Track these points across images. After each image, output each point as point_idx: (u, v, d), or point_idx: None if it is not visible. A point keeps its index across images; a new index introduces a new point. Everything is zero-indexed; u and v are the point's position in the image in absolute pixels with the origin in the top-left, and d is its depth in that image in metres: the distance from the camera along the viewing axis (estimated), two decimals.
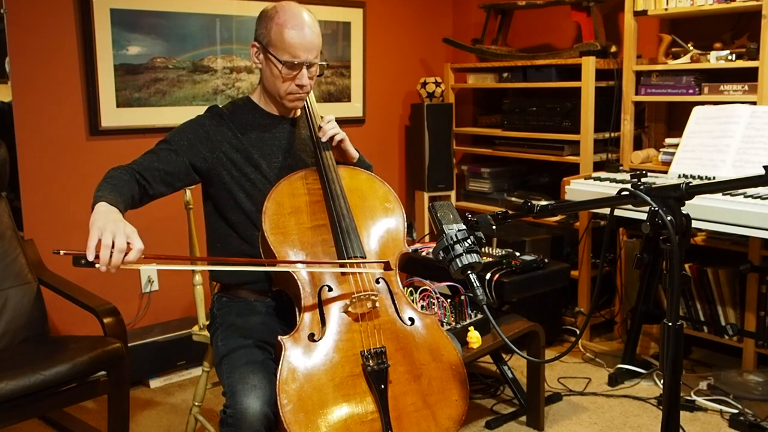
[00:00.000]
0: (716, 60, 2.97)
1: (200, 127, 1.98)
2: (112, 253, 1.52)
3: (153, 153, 1.93)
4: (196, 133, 1.97)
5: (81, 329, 2.88)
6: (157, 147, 1.95)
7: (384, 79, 4.07)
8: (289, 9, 1.92)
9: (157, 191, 1.90)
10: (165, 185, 1.91)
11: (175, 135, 1.97)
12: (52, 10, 2.94)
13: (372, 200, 1.99)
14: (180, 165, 1.92)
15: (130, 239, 1.55)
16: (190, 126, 1.99)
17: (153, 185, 1.88)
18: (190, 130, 1.97)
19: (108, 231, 1.53)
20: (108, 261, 1.52)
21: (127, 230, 1.56)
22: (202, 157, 1.96)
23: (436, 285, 2.37)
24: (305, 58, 1.91)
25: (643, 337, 3.16)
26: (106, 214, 1.62)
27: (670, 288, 1.30)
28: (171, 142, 1.95)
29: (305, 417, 1.60)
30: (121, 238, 1.53)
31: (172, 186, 1.94)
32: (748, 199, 2.42)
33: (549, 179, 3.83)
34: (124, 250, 1.54)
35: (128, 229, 1.57)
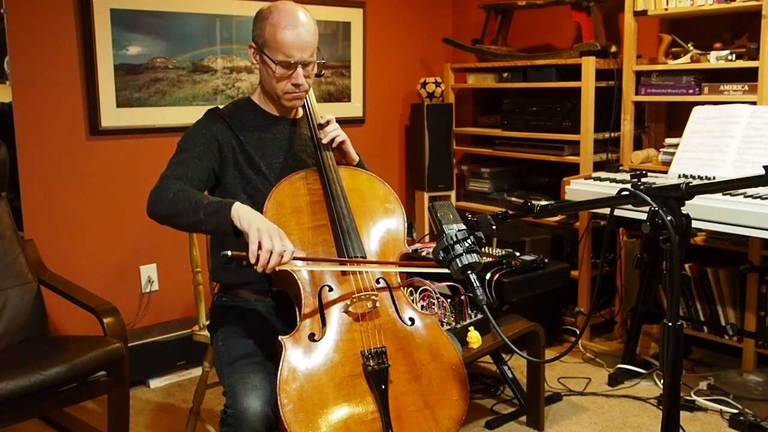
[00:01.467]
0: (716, 60, 2.97)
1: (207, 131, 1.96)
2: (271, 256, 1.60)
3: (182, 164, 1.88)
4: (206, 137, 1.95)
5: (81, 329, 2.88)
6: (179, 158, 1.90)
7: (384, 79, 4.07)
8: (283, 8, 1.91)
9: None
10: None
11: (190, 142, 1.93)
12: (52, 10, 2.94)
13: (372, 200, 1.99)
14: (206, 171, 1.92)
15: (283, 241, 1.63)
16: (198, 131, 1.97)
17: None
18: (201, 135, 1.95)
19: (265, 234, 1.61)
20: (266, 264, 1.60)
21: (280, 233, 1.65)
22: (216, 159, 1.95)
23: (436, 285, 2.37)
24: (300, 57, 1.90)
25: (643, 337, 3.16)
26: (254, 213, 1.68)
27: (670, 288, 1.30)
28: (191, 150, 1.91)
29: (306, 417, 1.60)
30: (278, 240, 1.61)
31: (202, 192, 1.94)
32: (748, 199, 2.42)
33: (549, 179, 3.83)
34: (281, 253, 1.61)
35: (280, 232, 1.65)
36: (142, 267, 3.28)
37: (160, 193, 1.78)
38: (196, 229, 1.78)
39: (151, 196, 1.80)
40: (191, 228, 1.80)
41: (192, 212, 1.71)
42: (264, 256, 1.58)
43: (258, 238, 1.59)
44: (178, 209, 1.73)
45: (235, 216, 1.66)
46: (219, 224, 1.69)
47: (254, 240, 1.59)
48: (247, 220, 1.64)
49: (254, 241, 1.59)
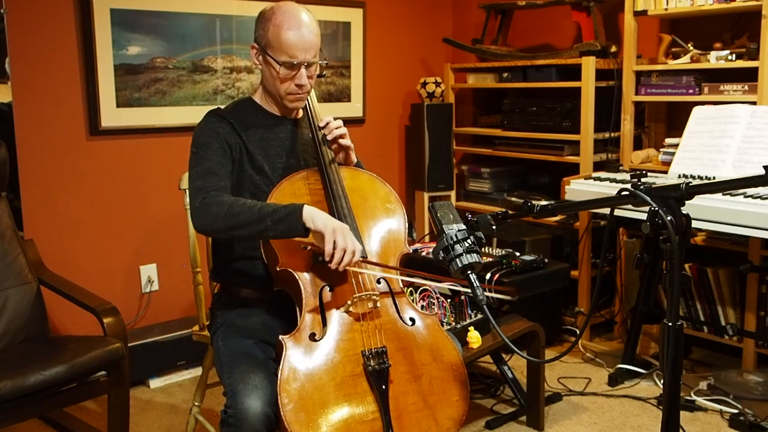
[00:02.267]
0: (716, 60, 2.97)
1: (216, 133, 1.94)
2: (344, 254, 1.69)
3: (211, 174, 1.86)
4: (218, 140, 1.92)
5: (81, 329, 2.88)
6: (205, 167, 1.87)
7: (384, 79, 4.07)
8: (286, 9, 1.91)
9: None
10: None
11: (207, 149, 1.90)
12: (52, 10, 2.94)
13: (373, 201, 1.99)
14: (230, 175, 1.92)
15: (355, 242, 1.72)
16: (209, 135, 1.93)
17: None
18: (213, 139, 1.92)
19: (340, 234, 1.70)
20: (340, 262, 1.69)
21: (351, 233, 1.73)
22: (230, 161, 1.95)
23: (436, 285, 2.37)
24: (303, 58, 1.90)
25: (643, 337, 3.16)
26: (324, 213, 1.74)
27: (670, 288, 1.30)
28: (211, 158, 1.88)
29: (306, 416, 1.60)
30: (351, 241, 1.71)
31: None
32: (748, 199, 2.42)
33: (549, 179, 3.83)
34: (354, 252, 1.70)
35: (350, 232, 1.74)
36: (142, 267, 3.28)
37: (211, 208, 1.77)
38: (261, 237, 1.81)
39: (199, 212, 1.79)
40: (254, 237, 1.82)
41: (256, 222, 1.73)
42: (338, 254, 1.68)
43: (333, 237, 1.68)
44: (239, 221, 1.74)
45: (308, 218, 1.71)
46: (289, 229, 1.72)
47: (329, 240, 1.68)
48: (322, 222, 1.71)
49: (329, 240, 1.68)
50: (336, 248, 1.68)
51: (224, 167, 1.90)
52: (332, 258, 1.68)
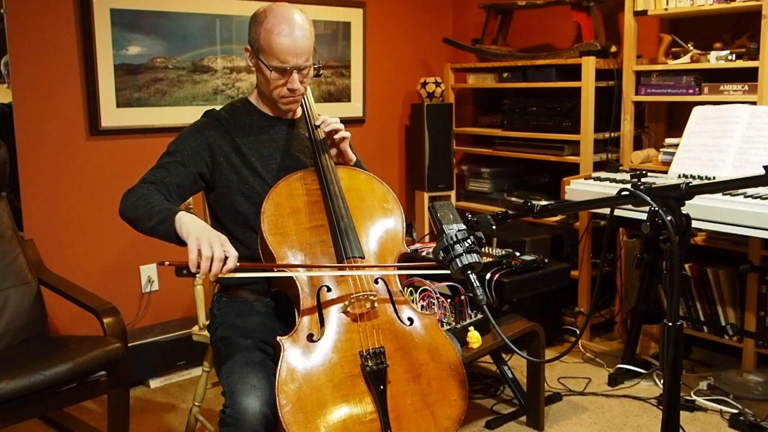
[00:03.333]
0: (716, 60, 2.97)
1: (200, 134, 1.97)
2: (212, 263, 1.57)
3: (162, 168, 1.90)
4: (197, 140, 1.96)
5: (81, 329, 2.88)
6: (163, 161, 1.92)
7: (384, 79, 4.07)
8: (279, 12, 1.89)
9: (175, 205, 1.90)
10: (179, 198, 1.91)
11: (178, 145, 1.95)
12: (52, 10, 2.94)
13: (370, 200, 1.99)
14: (188, 176, 1.92)
15: (225, 247, 1.60)
16: (190, 134, 1.98)
17: (170, 200, 1.87)
18: (191, 138, 1.96)
19: (205, 242, 1.58)
20: (208, 271, 1.57)
21: (222, 239, 1.62)
22: (206, 164, 1.95)
23: (436, 285, 2.37)
24: (295, 63, 1.90)
25: (643, 337, 3.16)
26: (195, 222, 1.66)
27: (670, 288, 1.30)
28: (175, 154, 1.92)
29: (304, 417, 1.60)
30: (218, 247, 1.58)
31: (183, 198, 1.95)
32: (748, 199, 2.42)
33: (549, 179, 3.82)
34: (223, 260, 1.58)
35: (222, 238, 1.62)
36: (142, 267, 3.28)
37: (128, 196, 1.80)
38: (153, 235, 1.76)
39: (123, 196, 1.82)
40: (149, 234, 1.76)
41: (147, 219, 1.72)
42: (204, 263, 1.56)
43: (197, 246, 1.57)
44: (137, 215, 1.75)
45: (178, 225, 1.66)
46: (167, 233, 1.69)
47: (193, 248, 1.57)
48: (186, 229, 1.63)
49: (193, 249, 1.57)
50: (201, 257, 1.56)
51: (184, 167, 1.90)
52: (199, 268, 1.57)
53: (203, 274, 1.57)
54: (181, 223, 1.66)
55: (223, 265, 1.58)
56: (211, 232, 1.62)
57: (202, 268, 1.56)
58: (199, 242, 1.58)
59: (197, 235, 1.60)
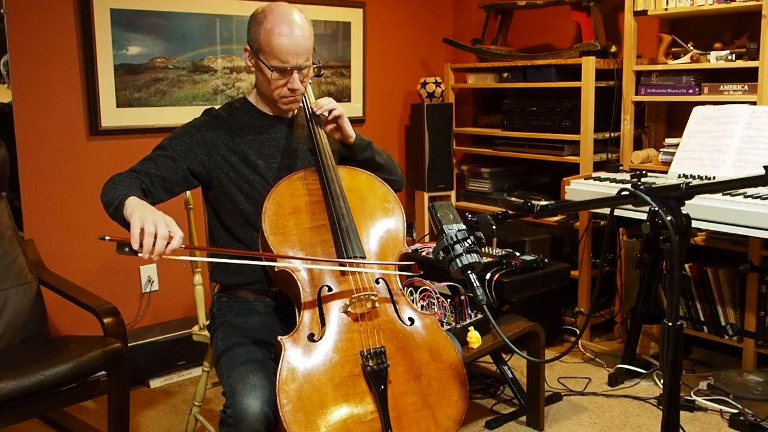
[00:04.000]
0: (716, 60, 2.97)
1: (197, 132, 1.97)
2: (155, 241, 1.53)
3: (150, 159, 1.92)
4: (192, 137, 1.96)
5: (81, 329, 2.88)
6: (153, 153, 1.94)
7: (384, 79, 4.07)
8: (278, 12, 1.89)
9: (158, 197, 1.90)
10: (164, 191, 1.91)
11: (172, 140, 1.96)
12: (52, 10, 2.94)
13: (371, 200, 1.99)
14: (177, 171, 1.92)
15: (171, 227, 1.57)
16: (186, 130, 1.99)
17: (153, 191, 1.88)
18: (187, 135, 1.97)
19: (149, 220, 1.55)
20: (151, 249, 1.53)
21: (167, 219, 1.59)
22: (200, 162, 1.96)
23: (436, 285, 2.37)
24: (295, 63, 1.90)
25: (643, 337, 3.16)
26: (142, 205, 1.64)
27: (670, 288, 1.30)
28: (167, 148, 1.94)
29: (305, 417, 1.60)
30: (162, 226, 1.55)
31: (170, 192, 1.94)
32: (748, 199, 2.42)
33: (549, 179, 3.82)
34: (167, 238, 1.55)
35: (167, 219, 1.59)
36: (142, 267, 3.28)
37: (106, 183, 1.82)
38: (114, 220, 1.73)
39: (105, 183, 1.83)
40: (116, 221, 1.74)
41: (109, 205, 1.72)
42: (147, 239, 1.52)
43: (140, 224, 1.54)
44: (104, 201, 1.76)
45: (125, 208, 1.64)
46: (121, 219, 1.67)
47: (135, 225, 1.54)
48: (131, 210, 1.61)
49: (135, 226, 1.54)
50: (144, 235, 1.52)
51: (173, 162, 1.91)
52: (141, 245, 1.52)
53: (146, 252, 1.53)
54: (128, 206, 1.64)
55: (167, 244, 1.55)
56: (156, 213, 1.60)
57: (144, 246, 1.52)
58: (143, 220, 1.55)
59: (140, 214, 1.57)
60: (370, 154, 2.11)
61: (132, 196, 1.68)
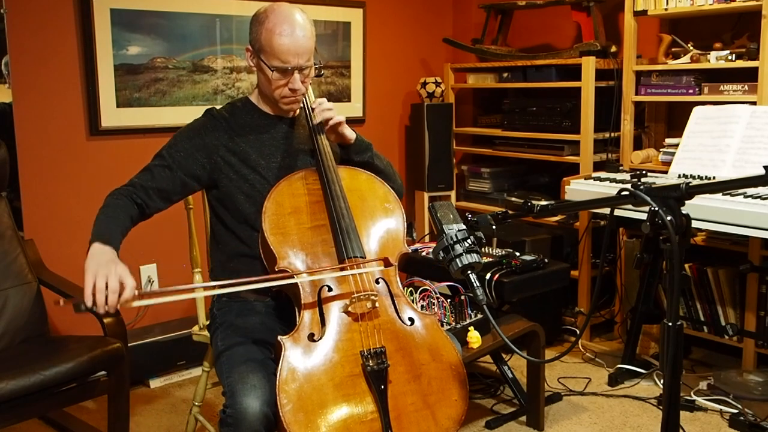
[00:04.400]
0: (716, 60, 2.97)
1: (195, 135, 1.98)
2: (107, 295, 1.56)
3: (148, 170, 1.94)
4: (192, 141, 1.96)
5: (81, 329, 2.88)
6: (152, 163, 1.95)
7: (384, 79, 4.07)
8: (280, 13, 1.90)
9: (155, 208, 1.93)
10: (162, 201, 1.94)
11: (171, 148, 1.97)
12: (52, 10, 2.94)
13: (372, 200, 1.99)
14: (174, 180, 1.94)
15: (122, 278, 1.59)
16: (185, 134, 1.99)
17: (150, 204, 1.91)
18: (186, 140, 1.97)
19: (100, 275, 1.58)
20: (104, 303, 1.56)
21: (119, 270, 1.60)
22: (201, 165, 1.96)
23: (436, 285, 2.37)
24: (296, 63, 1.90)
25: (643, 337, 3.16)
26: (97, 256, 1.65)
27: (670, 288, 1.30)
28: (165, 158, 1.95)
29: (305, 417, 1.60)
30: (113, 279, 1.57)
31: (169, 200, 1.96)
32: (748, 199, 2.42)
33: (549, 179, 3.82)
34: (117, 291, 1.57)
35: (119, 269, 1.61)
36: (142, 267, 3.28)
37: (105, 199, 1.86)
38: None
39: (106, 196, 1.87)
40: None
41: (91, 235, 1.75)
42: (99, 296, 1.55)
43: (92, 280, 1.57)
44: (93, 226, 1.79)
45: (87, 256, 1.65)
46: None
47: (87, 283, 1.57)
48: (87, 264, 1.62)
49: (87, 284, 1.57)
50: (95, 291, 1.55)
51: (171, 171, 1.93)
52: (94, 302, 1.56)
53: (101, 308, 1.56)
54: (88, 256, 1.66)
55: (119, 296, 1.57)
56: (109, 265, 1.61)
57: (97, 302, 1.55)
58: (95, 276, 1.57)
59: (93, 269, 1.59)
60: (369, 156, 2.10)
61: (95, 243, 1.69)
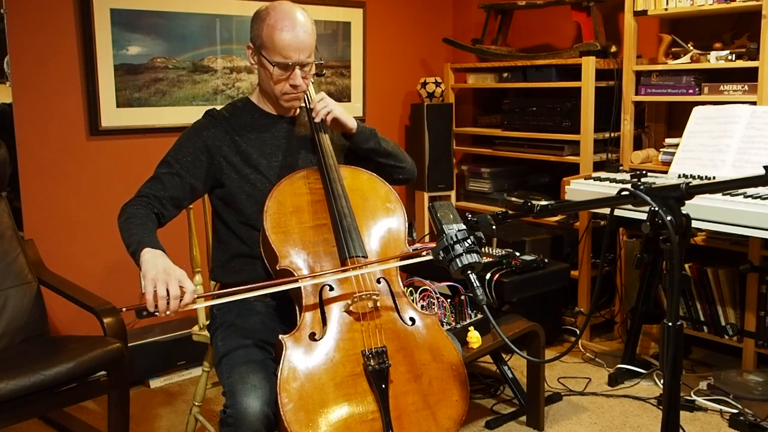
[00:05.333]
0: (716, 60, 2.97)
1: (197, 138, 1.98)
2: (169, 301, 1.59)
3: (157, 180, 1.92)
4: (195, 145, 1.96)
5: (81, 329, 2.88)
6: (159, 172, 1.94)
7: (384, 79, 4.07)
8: (281, 9, 1.91)
9: (169, 217, 1.94)
10: (175, 208, 1.94)
11: (176, 153, 1.96)
12: (52, 10, 2.94)
13: (373, 200, 1.99)
14: (185, 187, 1.94)
15: (182, 283, 1.62)
16: (188, 139, 1.99)
17: (165, 213, 1.91)
18: (189, 144, 1.97)
19: (161, 281, 1.60)
20: (166, 309, 1.60)
21: (177, 275, 1.63)
22: (205, 167, 1.96)
23: (436, 285, 2.37)
24: (297, 59, 1.91)
25: (643, 337, 3.16)
26: (154, 261, 1.66)
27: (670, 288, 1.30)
28: (172, 165, 1.94)
29: (306, 416, 1.60)
30: (173, 284, 1.60)
31: (180, 207, 1.97)
32: (748, 199, 2.42)
33: (549, 179, 3.82)
34: (179, 296, 1.61)
35: (178, 273, 1.63)
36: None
37: (122, 213, 1.85)
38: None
39: (119, 211, 1.86)
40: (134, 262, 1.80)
41: (127, 246, 1.76)
42: (161, 303, 1.59)
43: (152, 286, 1.59)
44: (123, 238, 1.78)
45: (141, 264, 1.68)
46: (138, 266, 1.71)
47: (148, 290, 1.60)
48: (144, 270, 1.65)
49: (148, 290, 1.60)
50: (157, 298, 1.58)
51: (180, 178, 1.93)
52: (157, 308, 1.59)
53: (162, 313, 1.59)
54: (142, 261, 1.67)
55: (180, 301, 1.60)
56: (168, 270, 1.63)
57: (159, 308, 1.59)
58: (154, 282, 1.60)
59: (153, 276, 1.61)
60: (375, 142, 2.11)
61: (146, 248, 1.70)
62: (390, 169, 2.16)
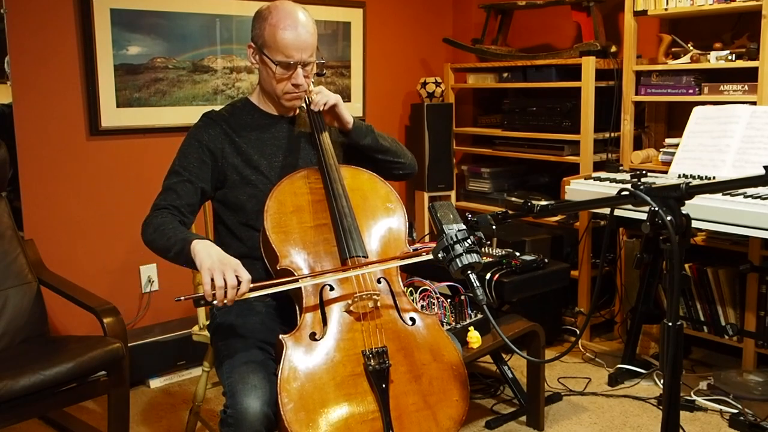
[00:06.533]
0: (716, 60, 2.97)
1: (199, 142, 1.97)
2: (226, 291, 1.61)
3: (171, 190, 1.92)
4: (199, 149, 1.96)
5: (81, 329, 2.88)
6: (170, 182, 1.94)
7: (384, 79, 4.07)
8: (283, 8, 1.92)
9: (190, 223, 1.94)
10: (192, 215, 1.95)
11: (182, 161, 1.96)
12: (52, 10, 2.94)
13: (374, 200, 1.99)
14: (197, 192, 1.95)
15: (238, 273, 1.64)
16: (189, 144, 1.98)
17: (186, 221, 1.91)
18: (193, 149, 1.97)
19: (217, 271, 1.62)
20: (223, 298, 1.62)
21: (233, 264, 1.65)
22: (211, 169, 1.97)
23: (436, 285, 2.37)
24: (299, 58, 1.91)
25: (643, 337, 3.16)
26: (207, 251, 1.69)
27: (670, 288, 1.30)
28: (182, 173, 1.94)
29: (306, 416, 1.60)
30: (230, 275, 1.62)
31: (195, 213, 1.98)
32: (748, 199, 2.42)
33: (549, 179, 3.83)
34: (236, 286, 1.62)
35: (233, 263, 1.66)
36: (142, 267, 3.28)
37: (146, 229, 1.85)
38: (175, 263, 1.80)
39: (142, 228, 1.86)
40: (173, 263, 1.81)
41: (165, 250, 1.77)
42: (219, 293, 1.61)
43: (209, 276, 1.62)
44: (158, 246, 1.80)
45: (193, 254, 1.70)
46: (186, 262, 1.73)
47: (206, 280, 1.62)
48: (200, 260, 1.67)
49: (206, 281, 1.62)
50: (215, 288, 1.61)
51: (191, 184, 1.93)
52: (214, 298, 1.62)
53: (220, 302, 1.62)
54: (195, 253, 1.69)
55: (237, 290, 1.62)
56: (224, 260, 1.66)
57: (217, 297, 1.61)
58: (212, 272, 1.62)
59: (209, 266, 1.64)
60: (372, 138, 2.12)
61: (194, 240, 1.72)
62: (389, 165, 2.17)
